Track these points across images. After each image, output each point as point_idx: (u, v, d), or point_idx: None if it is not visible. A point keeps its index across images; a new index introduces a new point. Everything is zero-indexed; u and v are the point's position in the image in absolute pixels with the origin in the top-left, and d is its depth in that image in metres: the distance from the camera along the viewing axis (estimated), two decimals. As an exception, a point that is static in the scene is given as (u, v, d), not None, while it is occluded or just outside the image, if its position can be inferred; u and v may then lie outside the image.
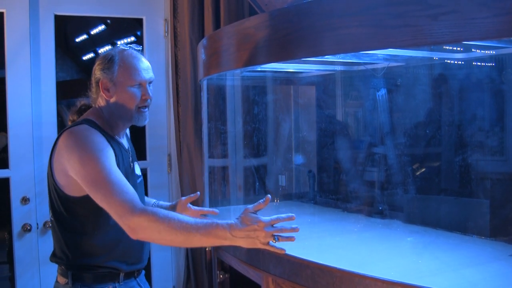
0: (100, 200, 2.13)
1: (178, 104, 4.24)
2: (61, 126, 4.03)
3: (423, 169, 2.84)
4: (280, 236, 2.00)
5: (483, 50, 2.49)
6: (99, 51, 7.41)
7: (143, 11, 4.32)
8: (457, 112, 2.76)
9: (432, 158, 2.84)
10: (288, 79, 3.64)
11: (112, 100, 2.38)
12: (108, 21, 6.06)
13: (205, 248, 3.05)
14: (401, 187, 2.88)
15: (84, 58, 7.56)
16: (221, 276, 2.97)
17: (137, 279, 2.50)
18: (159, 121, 4.40)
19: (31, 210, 3.85)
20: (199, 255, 4.16)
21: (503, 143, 2.56)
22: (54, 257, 2.42)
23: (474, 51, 2.53)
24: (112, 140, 2.35)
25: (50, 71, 3.98)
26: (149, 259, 4.34)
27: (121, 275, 2.39)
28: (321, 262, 2.04)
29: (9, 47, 3.88)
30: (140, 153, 4.59)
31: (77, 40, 7.33)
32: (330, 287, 1.98)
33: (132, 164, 2.52)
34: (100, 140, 2.25)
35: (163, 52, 4.38)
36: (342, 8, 1.91)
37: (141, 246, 2.49)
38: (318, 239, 2.62)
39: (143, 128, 4.35)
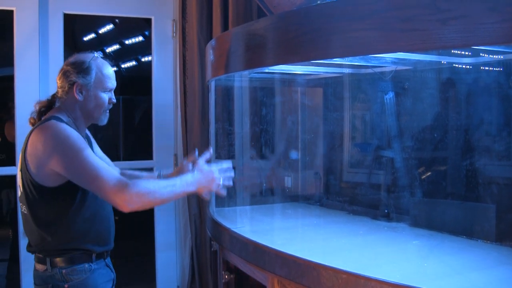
0: (88, 184, 2.35)
1: (185, 105, 4.25)
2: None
3: (429, 173, 2.84)
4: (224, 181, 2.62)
5: (491, 54, 2.49)
6: (107, 50, 7.44)
7: (151, 11, 4.33)
8: (465, 117, 2.76)
9: (439, 162, 2.84)
10: (296, 81, 3.64)
11: (82, 101, 2.61)
12: (117, 20, 6.09)
13: (211, 248, 3.05)
14: (408, 190, 2.88)
15: (92, 57, 7.56)
16: (226, 276, 2.97)
17: (106, 260, 2.71)
18: (166, 121, 4.42)
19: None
20: (204, 255, 4.17)
21: (511, 148, 2.56)
22: (30, 247, 2.62)
23: (482, 56, 2.53)
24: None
25: (58, 69, 3.99)
26: (153, 258, 4.37)
27: (94, 255, 2.60)
28: (326, 263, 2.04)
29: (18, 45, 3.90)
30: (147, 152, 4.60)
31: (85, 39, 7.35)
32: (335, 288, 1.99)
33: None
34: (72, 132, 2.45)
35: (171, 52, 4.40)
36: (352, 12, 1.92)
37: (109, 230, 2.71)
38: (324, 241, 2.63)
39: (150, 127, 4.37)
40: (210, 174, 2.58)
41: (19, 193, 2.61)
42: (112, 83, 2.70)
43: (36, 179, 2.46)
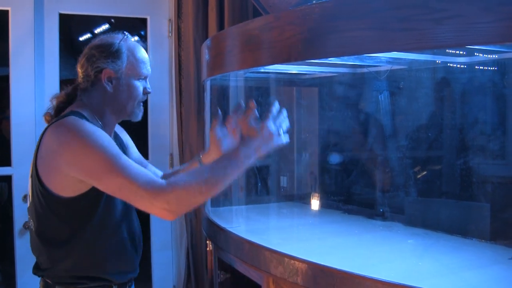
0: (117, 190, 1.93)
1: (181, 104, 4.26)
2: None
3: (425, 172, 2.85)
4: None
5: (486, 54, 2.50)
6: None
7: (147, 10, 4.34)
8: (459, 116, 2.77)
9: (434, 161, 2.85)
10: (292, 80, 3.65)
11: (112, 92, 2.24)
12: (112, 20, 6.06)
13: (206, 247, 3.05)
14: (403, 189, 2.89)
15: (88, 57, 7.57)
16: (221, 276, 2.97)
17: None
18: (162, 120, 4.42)
19: (33, 207, 3.86)
20: (200, 255, 4.17)
21: (505, 147, 2.57)
22: (37, 270, 2.24)
23: (477, 55, 2.54)
24: None
25: (54, 69, 4.01)
26: (149, 258, 4.37)
27: None
28: (321, 263, 2.05)
29: (13, 45, 3.91)
30: (142, 152, 4.60)
31: (81, 39, 7.33)
32: (330, 288, 1.99)
33: None
34: (94, 128, 2.04)
35: (166, 52, 4.40)
36: (347, 11, 1.92)
37: (135, 252, 2.33)
38: (319, 240, 2.63)
39: (145, 127, 4.36)
40: (265, 130, 2.12)
41: (28, 203, 2.23)
42: (147, 69, 2.33)
43: (48, 186, 2.05)
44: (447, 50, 2.42)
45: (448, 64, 2.68)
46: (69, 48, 7.16)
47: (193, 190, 1.89)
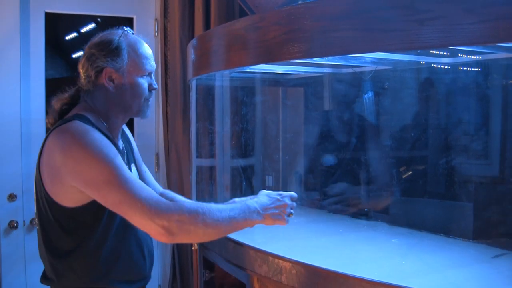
0: (116, 204, 1.84)
1: (167, 104, 4.25)
2: (50, 124, 4.03)
3: (410, 172, 2.86)
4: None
5: (469, 55, 2.52)
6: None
7: (133, 10, 4.33)
8: (443, 116, 2.79)
9: (418, 161, 2.87)
10: (277, 80, 3.66)
11: (115, 92, 2.14)
12: (99, 19, 6.06)
13: (192, 247, 3.05)
14: (387, 189, 2.91)
15: (74, 56, 7.55)
16: (206, 275, 2.98)
17: None
18: (148, 120, 4.39)
19: (18, 207, 3.86)
20: (185, 254, 4.18)
21: (488, 147, 2.59)
22: (45, 280, 2.15)
23: (460, 56, 2.56)
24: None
25: (40, 69, 3.99)
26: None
27: None
28: (306, 262, 2.06)
29: (-2, 44, 3.88)
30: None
31: (67, 38, 7.32)
32: (313, 286, 2.00)
33: (129, 166, 2.28)
34: (100, 136, 1.95)
35: (153, 52, 4.39)
36: (332, 12, 1.93)
37: (143, 259, 2.23)
38: (303, 240, 2.64)
39: (131, 127, 4.36)
40: (281, 200, 2.08)
41: (35, 209, 2.12)
42: (151, 64, 2.24)
43: (52, 195, 1.96)
44: (431, 51, 2.44)
45: (432, 65, 2.70)
46: (55, 47, 7.16)
47: (197, 220, 1.82)
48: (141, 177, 2.42)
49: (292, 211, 2.13)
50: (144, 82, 2.19)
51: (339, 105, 3.46)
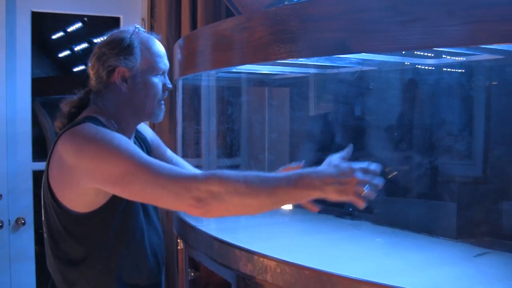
0: (140, 193, 1.74)
1: (153, 103, 4.25)
2: (35, 123, 4.03)
3: (395, 173, 2.88)
4: (369, 189, 1.73)
5: (453, 56, 2.54)
6: (75, 49, 7.39)
7: (120, 9, 4.33)
8: (427, 117, 2.81)
9: (402, 161, 2.89)
10: (263, 80, 3.67)
11: (128, 92, 2.02)
12: (85, 19, 6.05)
13: (177, 246, 3.06)
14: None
15: (60, 55, 7.53)
16: (192, 274, 2.99)
17: None
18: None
19: (3, 206, 3.84)
20: (171, 253, 4.18)
21: (471, 147, 2.61)
22: None
23: (444, 57, 2.58)
24: None
25: (26, 68, 3.98)
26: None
27: None
28: (290, 260, 2.07)
29: (-16, 44, 3.87)
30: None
31: (53, 37, 7.29)
32: (298, 285, 2.01)
33: None
34: (111, 132, 1.85)
35: (139, 51, 4.39)
36: (318, 13, 1.95)
37: (157, 265, 2.12)
38: (288, 239, 2.65)
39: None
40: (350, 173, 1.69)
41: (43, 216, 2.00)
42: (165, 62, 2.12)
43: (62, 201, 1.87)
44: (415, 52, 2.46)
45: (417, 66, 2.72)
46: (41, 46, 7.13)
47: (230, 188, 1.66)
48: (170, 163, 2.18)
49: (368, 189, 1.74)
50: (158, 81, 2.08)
51: (324, 105, 3.48)
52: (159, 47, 2.11)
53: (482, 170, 2.59)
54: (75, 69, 7.64)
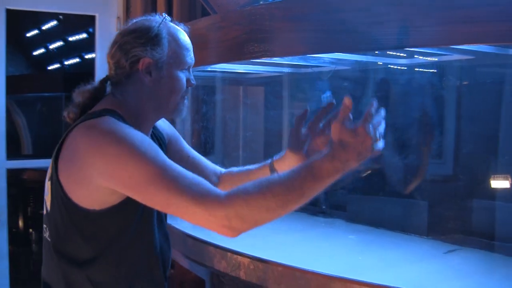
0: (164, 206, 1.63)
1: (129, 102, 4.25)
2: (9, 121, 4.01)
3: (369, 171, 2.91)
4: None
5: (425, 57, 2.57)
6: (50, 47, 7.36)
7: (95, 8, 4.32)
8: (399, 115, 2.84)
9: (374, 160, 2.92)
10: (238, 79, 3.69)
11: (151, 86, 1.82)
12: (60, 17, 6.03)
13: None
14: (344, 187, 2.95)
15: (35, 53, 7.50)
16: (167, 271, 2.99)
17: None
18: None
19: (-22, 203, 3.82)
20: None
21: (442, 146, 2.65)
22: None
23: (417, 58, 2.61)
24: None
25: (0, 65, 3.96)
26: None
27: None
28: (263, 257, 2.09)
29: (-42, 41, 3.85)
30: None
31: (28, 35, 7.26)
32: (271, 281, 2.03)
33: None
34: (135, 131, 1.66)
35: (114, 50, 4.39)
36: (292, 13, 1.97)
37: (163, 272, 1.91)
38: (262, 237, 2.65)
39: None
40: (363, 134, 1.59)
41: (44, 210, 1.81)
42: (191, 57, 1.90)
43: (71, 197, 1.67)
44: (388, 52, 2.48)
45: (389, 66, 2.75)
46: (16, 44, 7.09)
47: (258, 206, 1.56)
48: (191, 162, 2.14)
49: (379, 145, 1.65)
50: (183, 76, 1.87)
51: (298, 104, 3.50)
52: (187, 40, 1.91)
53: (453, 168, 2.62)
54: (50, 67, 7.62)
